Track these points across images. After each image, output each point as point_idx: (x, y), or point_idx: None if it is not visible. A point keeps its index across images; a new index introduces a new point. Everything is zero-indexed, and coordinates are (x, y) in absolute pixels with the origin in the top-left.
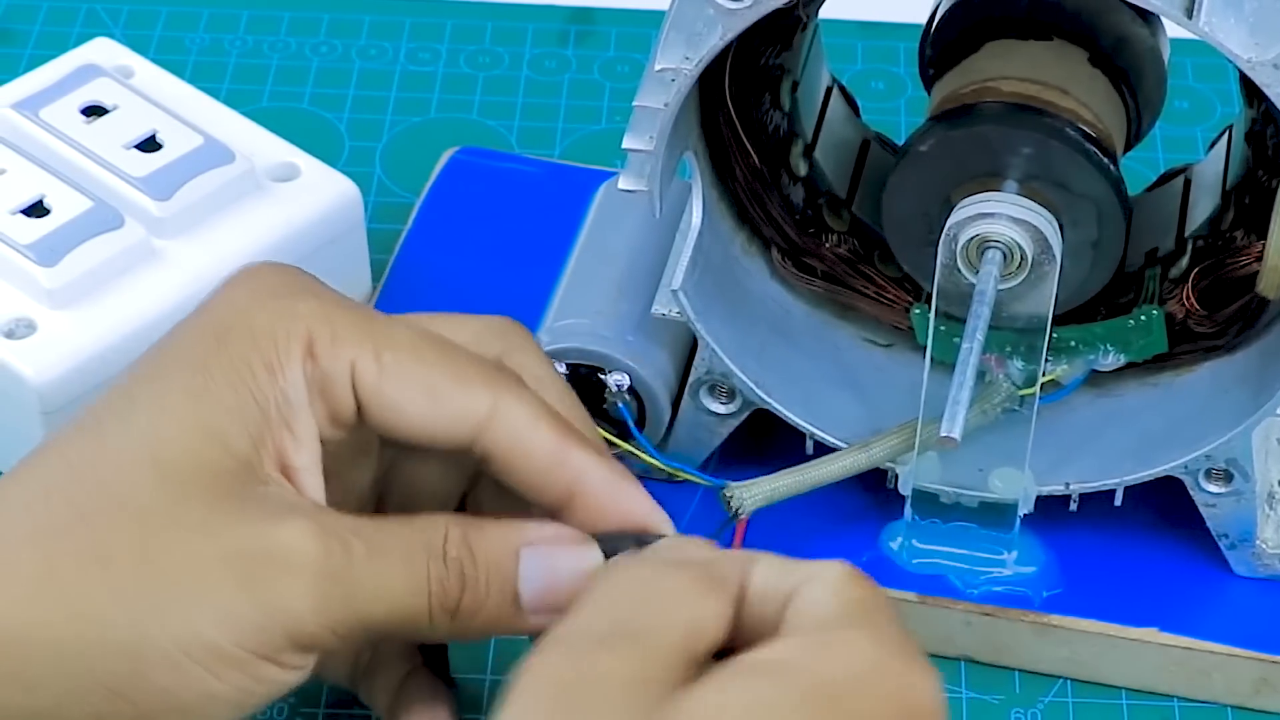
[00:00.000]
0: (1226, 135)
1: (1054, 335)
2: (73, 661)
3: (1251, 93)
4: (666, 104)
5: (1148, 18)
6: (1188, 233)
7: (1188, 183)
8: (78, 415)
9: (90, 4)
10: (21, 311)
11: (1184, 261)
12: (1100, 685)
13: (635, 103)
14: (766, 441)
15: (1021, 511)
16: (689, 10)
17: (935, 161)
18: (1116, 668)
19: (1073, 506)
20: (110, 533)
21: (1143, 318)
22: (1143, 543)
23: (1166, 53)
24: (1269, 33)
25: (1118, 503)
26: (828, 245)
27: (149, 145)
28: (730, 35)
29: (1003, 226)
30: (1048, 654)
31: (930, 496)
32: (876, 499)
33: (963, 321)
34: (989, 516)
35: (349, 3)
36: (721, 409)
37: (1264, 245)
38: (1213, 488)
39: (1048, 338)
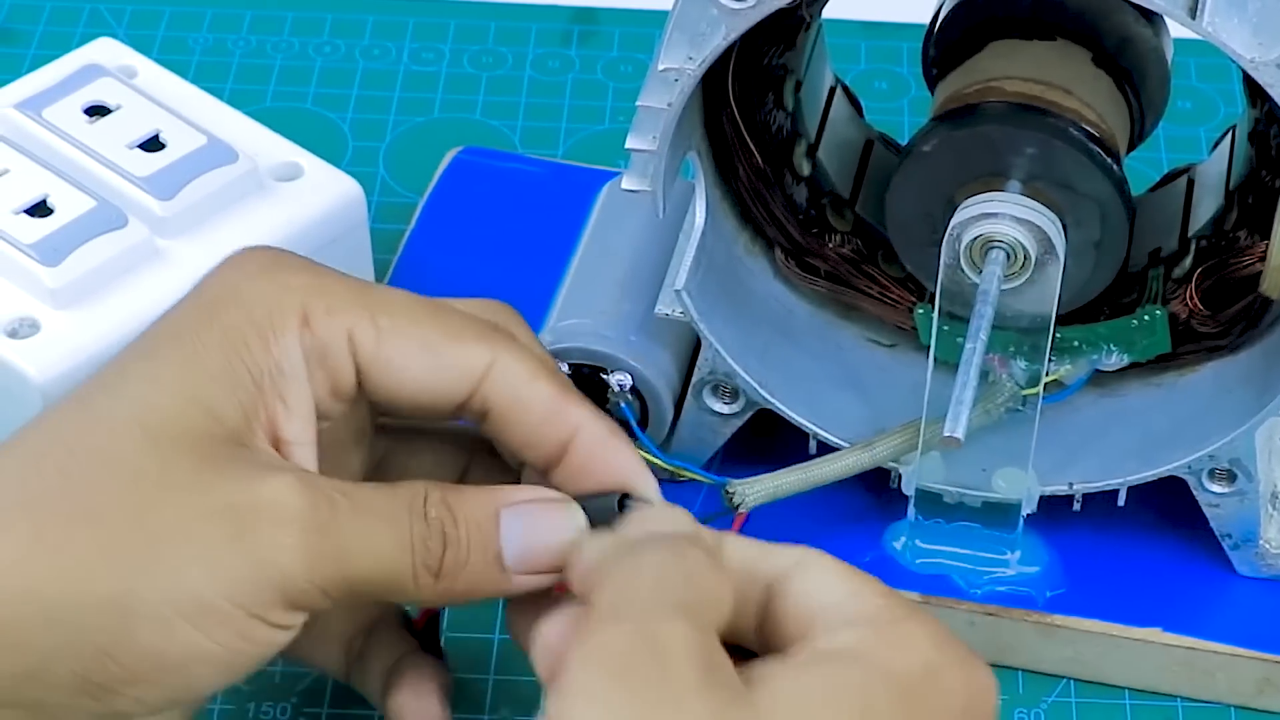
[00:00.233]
0: (1230, 135)
1: (1057, 335)
2: (60, 620)
3: (1255, 93)
4: (670, 104)
5: (1151, 18)
6: (1191, 233)
7: (1191, 183)
8: (71, 392)
9: (93, 4)
10: (25, 311)
11: (1187, 261)
12: (1103, 685)
13: (638, 103)
14: (769, 442)
15: (1025, 511)
16: (692, 10)
17: (939, 161)
18: (1120, 668)
19: (1076, 506)
20: (99, 494)
21: (1146, 318)
22: (1146, 543)
23: (1170, 53)
24: (1272, 33)
25: (1121, 503)
26: (831, 245)
27: (152, 145)
28: (733, 35)
29: (1006, 226)
30: (1051, 654)
31: (934, 496)
32: (880, 499)
33: (966, 321)
34: (992, 516)
35: (352, 2)
36: (725, 409)
37: (1267, 245)
38: (1216, 488)
39: (1051, 338)
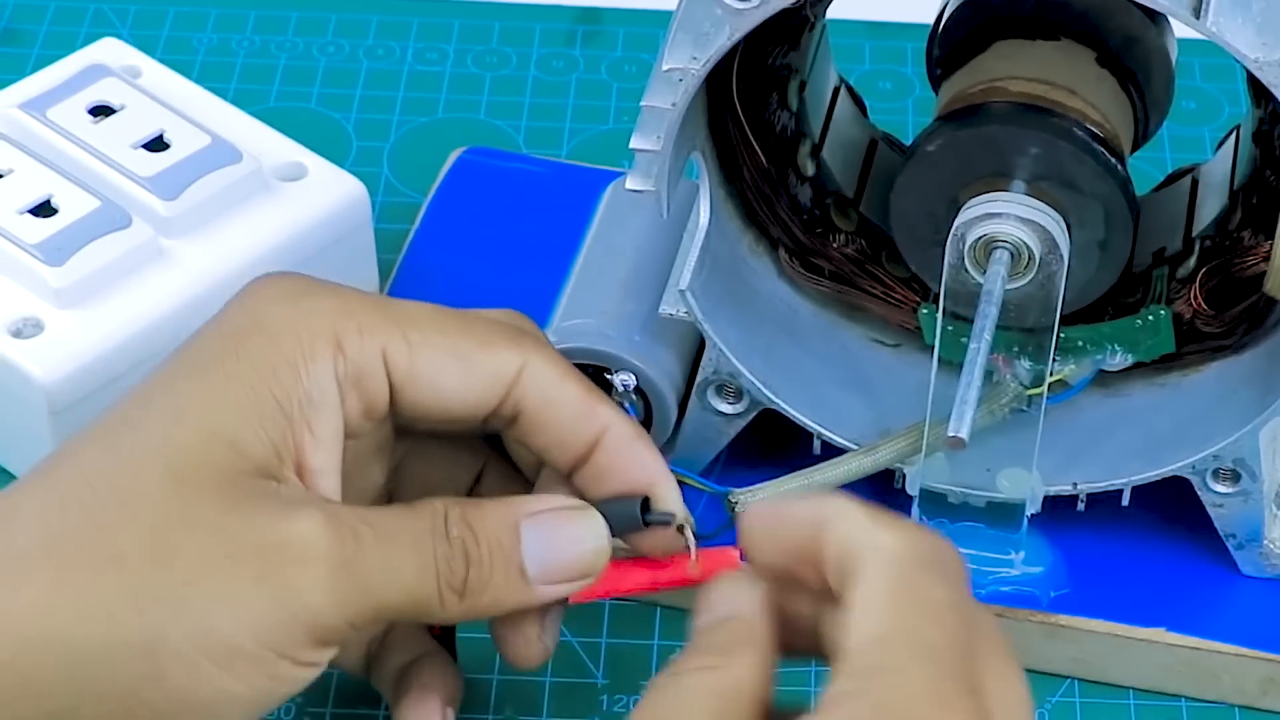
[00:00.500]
0: (1234, 135)
1: (1061, 335)
2: (86, 665)
3: (1259, 93)
4: (674, 104)
5: (1155, 18)
6: (1195, 233)
7: (1195, 183)
8: (91, 423)
9: (98, 4)
10: (29, 311)
11: (1191, 261)
12: (1108, 685)
13: (643, 103)
14: (774, 442)
15: (1029, 511)
16: (696, 10)
17: (943, 161)
18: (1124, 668)
19: (1080, 506)
20: (122, 535)
21: (1150, 318)
22: (1150, 543)
23: (1174, 53)
24: (1276, 33)
25: (1125, 503)
26: (835, 245)
27: (156, 145)
28: (738, 35)
29: (1010, 226)
30: (1055, 654)
31: (938, 496)
32: (884, 499)
33: (970, 321)
34: (996, 516)
35: (357, 3)
36: (729, 409)
37: (1271, 245)
38: (1220, 488)
39: (1055, 338)
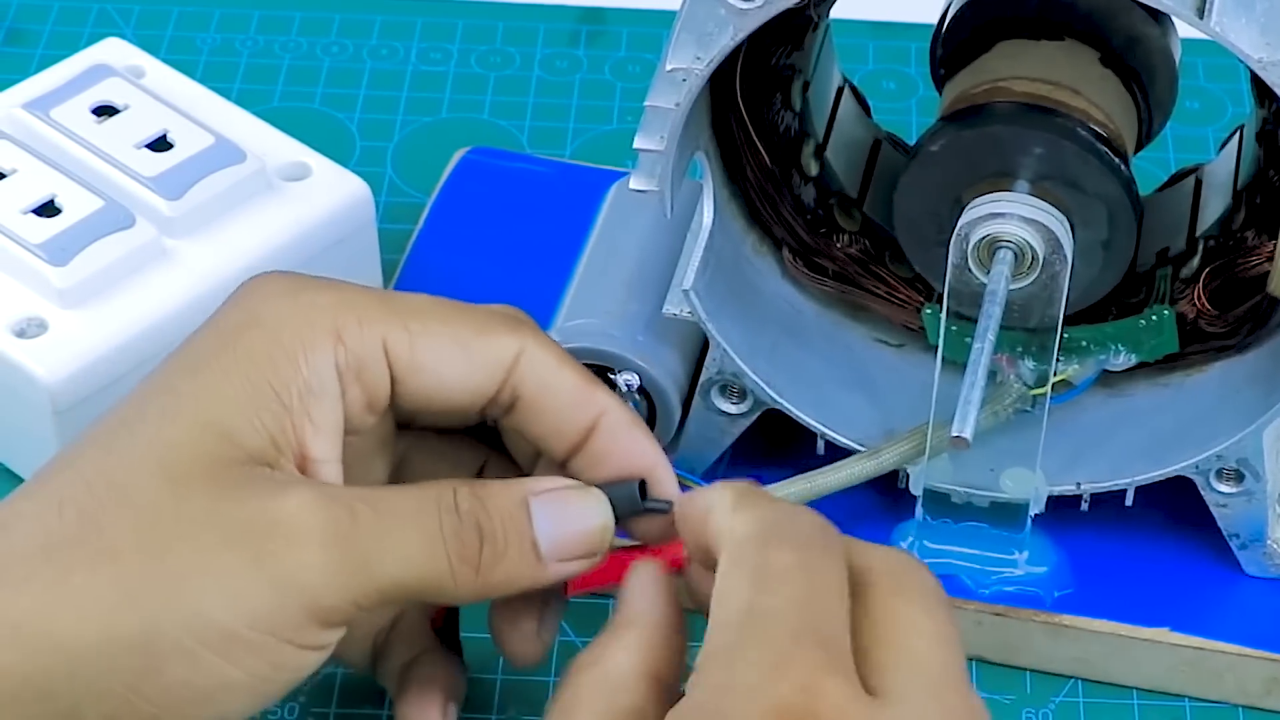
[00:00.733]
0: (1237, 135)
1: (1065, 335)
2: (87, 665)
3: (1262, 93)
4: (678, 104)
5: (1159, 18)
6: (1199, 233)
7: (1199, 183)
8: (90, 427)
9: (101, 4)
10: (33, 311)
11: (1195, 261)
12: (1111, 685)
13: (646, 103)
14: (777, 442)
15: (1033, 511)
16: (700, 10)
17: (946, 161)
18: (1128, 668)
19: (1084, 506)
20: (116, 533)
21: (1154, 318)
22: (1154, 543)
23: (1178, 53)
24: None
25: (1129, 503)
26: (839, 245)
27: (160, 145)
28: (741, 35)
29: (1014, 226)
30: (1059, 654)
31: (941, 496)
32: (887, 499)
33: (974, 321)
34: (1000, 516)
35: (360, 3)
36: (732, 409)
37: (1275, 245)
38: (1224, 488)
39: (1059, 338)
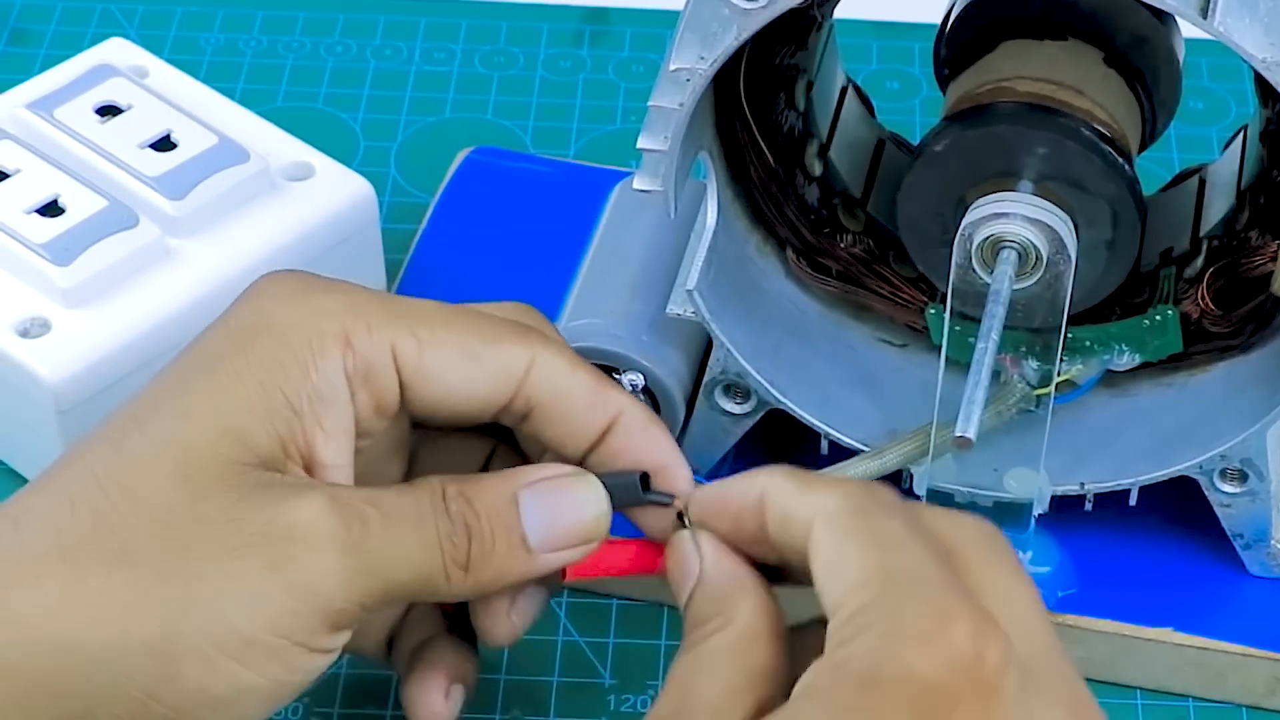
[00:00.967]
0: (1241, 135)
1: (1069, 335)
2: (102, 667)
3: (1266, 93)
4: (681, 104)
5: (1163, 18)
6: (1202, 233)
7: (1202, 183)
8: (100, 424)
9: (105, 4)
10: (36, 310)
11: (1199, 261)
12: (1115, 685)
13: (650, 103)
14: (781, 442)
15: (1036, 511)
16: (704, 10)
17: (950, 161)
18: (1131, 668)
19: (1088, 506)
20: (132, 535)
21: (1158, 318)
22: (1158, 543)
23: (1181, 53)
24: None
25: (1133, 503)
26: (843, 245)
27: (164, 145)
28: (745, 35)
29: (1018, 226)
30: None
31: (945, 496)
32: None
33: (978, 321)
34: (1004, 516)
35: (364, 3)
36: (736, 409)
37: (1279, 245)
38: (1228, 488)
39: (1063, 337)
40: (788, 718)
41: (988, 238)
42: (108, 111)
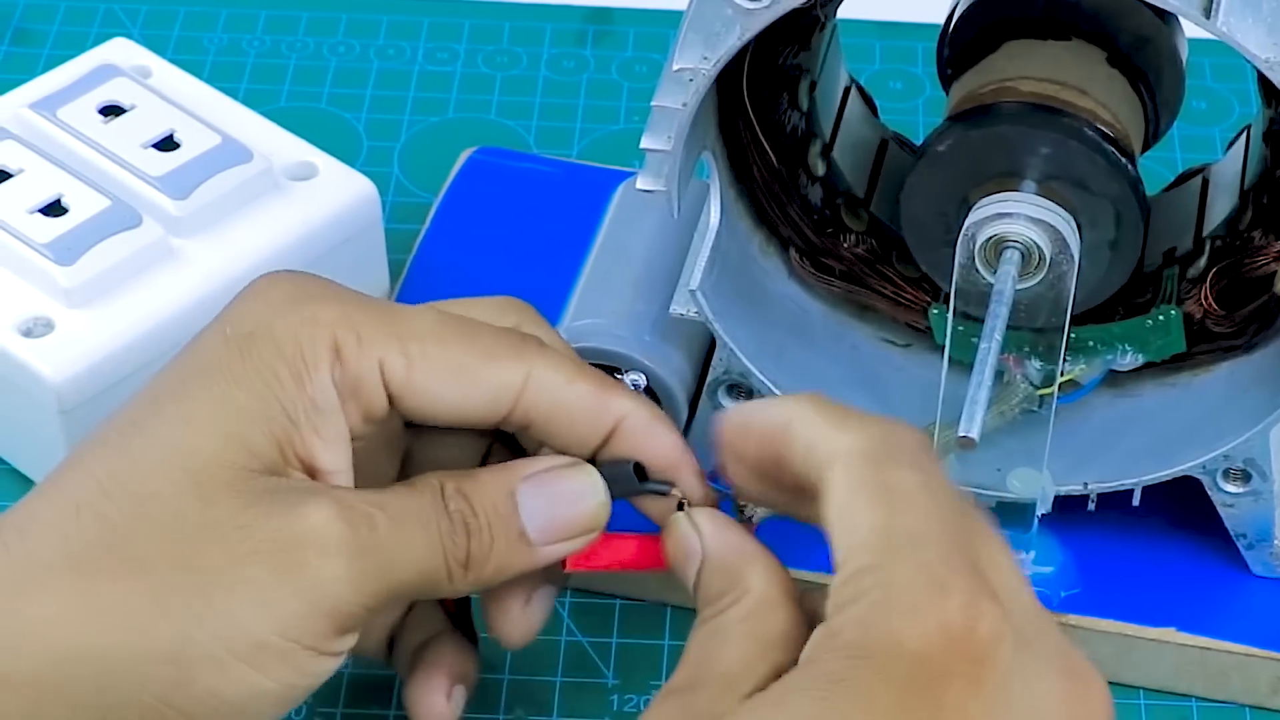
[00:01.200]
0: (1244, 135)
1: (1072, 335)
2: (116, 675)
3: (1269, 93)
4: (684, 104)
5: (1166, 18)
6: (1206, 233)
7: (1205, 183)
8: (100, 428)
9: (108, 4)
10: (39, 310)
11: (1202, 261)
12: (1118, 685)
13: (653, 103)
14: None
15: (1039, 511)
16: (707, 10)
17: (953, 161)
18: (1134, 667)
19: (1091, 506)
20: (143, 542)
21: (1161, 318)
22: (1160, 543)
23: (1184, 53)
24: None
25: (1136, 503)
26: (846, 245)
27: (167, 144)
28: (748, 35)
29: (1021, 226)
30: None
31: None
32: None
33: (981, 321)
34: (1007, 516)
35: (367, 3)
36: None
37: None
38: (1231, 488)
39: (1066, 337)
40: (782, 691)
41: (991, 238)
42: (111, 111)
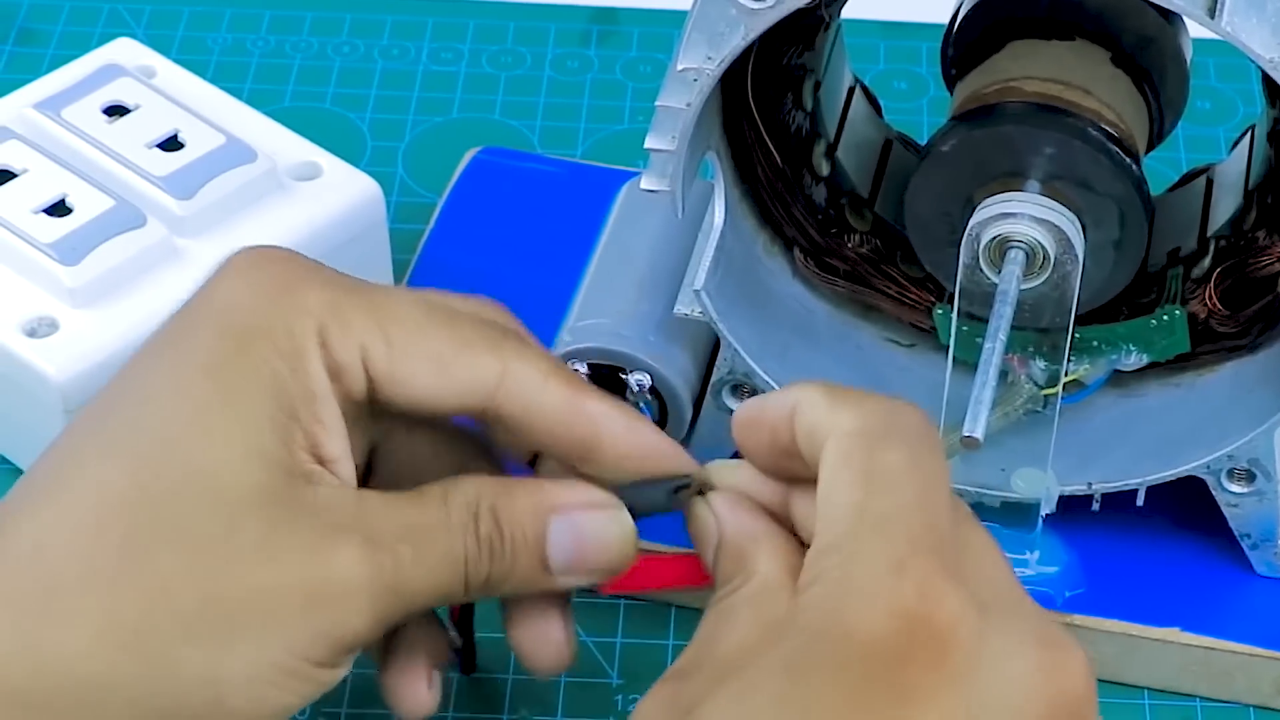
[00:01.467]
0: (1249, 135)
1: (1076, 335)
2: (149, 703)
3: (1274, 92)
4: (689, 104)
5: (1170, 18)
6: (1210, 233)
7: (1210, 183)
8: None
9: (112, 4)
10: (44, 310)
11: (1206, 261)
12: (1122, 685)
13: (657, 103)
14: None
15: (1044, 511)
16: (711, 10)
17: (958, 161)
18: (1138, 668)
19: (1095, 506)
20: (170, 568)
21: (1165, 318)
22: (1165, 543)
23: (1189, 53)
24: None
25: (1140, 503)
26: (850, 245)
27: (171, 145)
28: (752, 35)
29: (1025, 226)
30: None
31: None
32: None
33: (985, 321)
34: (1011, 516)
35: (371, 3)
36: None
37: None
38: (1235, 488)
39: (1070, 337)
40: (753, 673)
41: (995, 238)
42: (115, 111)
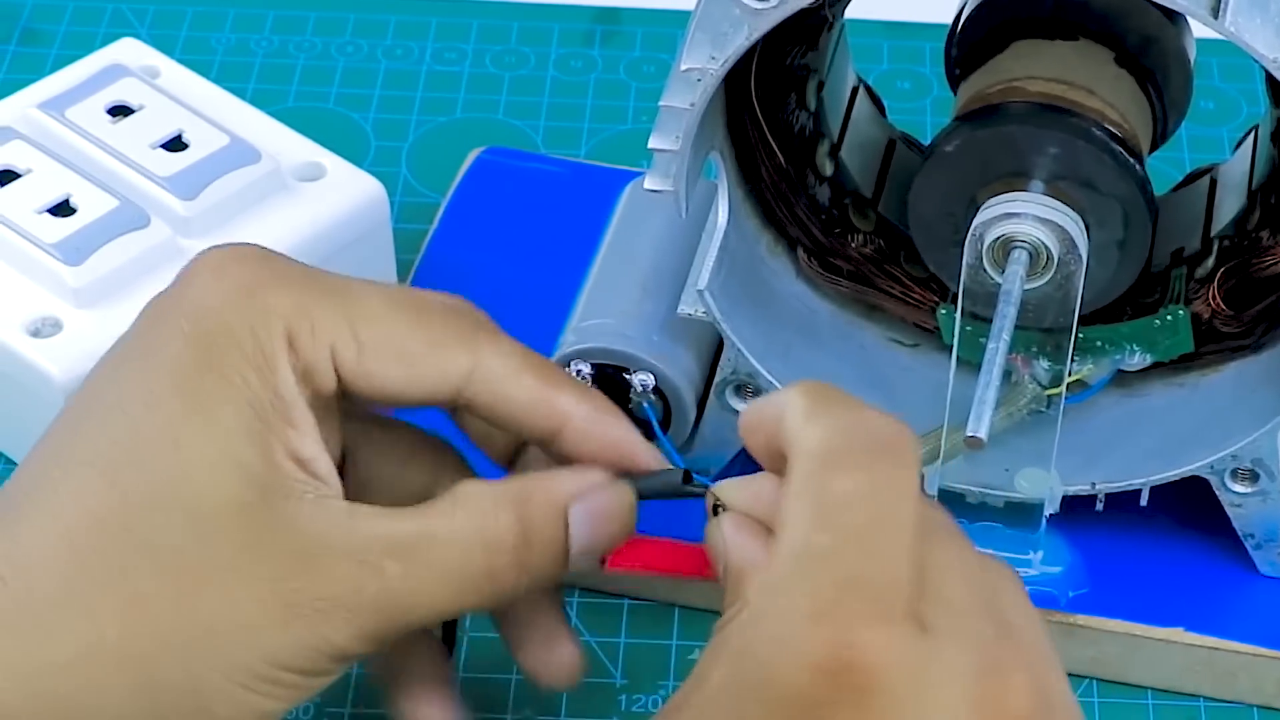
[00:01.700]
0: (1252, 135)
1: (1080, 335)
2: (136, 717)
3: (1277, 92)
4: (692, 104)
5: (1174, 18)
6: (1214, 233)
7: (1213, 183)
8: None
9: (116, 4)
10: (47, 310)
11: (1210, 261)
12: (1126, 685)
13: (661, 103)
14: None
15: (1048, 511)
16: (715, 10)
17: (961, 161)
18: (1142, 668)
19: (1099, 506)
20: (146, 586)
21: (1169, 318)
22: (1168, 543)
23: (1193, 53)
24: None
25: (1143, 503)
26: (853, 245)
27: (175, 145)
28: (756, 35)
29: (1029, 226)
30: (1073, 654)
31: (956, 496)
32: None
33: (989, 321)
34: (1015, 516)
35: (375, 3)
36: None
37: None
38: (1239, 488)
39: (1074, 338)
40: (685, 709)
41: (999, 238)
42: (119, 111)
